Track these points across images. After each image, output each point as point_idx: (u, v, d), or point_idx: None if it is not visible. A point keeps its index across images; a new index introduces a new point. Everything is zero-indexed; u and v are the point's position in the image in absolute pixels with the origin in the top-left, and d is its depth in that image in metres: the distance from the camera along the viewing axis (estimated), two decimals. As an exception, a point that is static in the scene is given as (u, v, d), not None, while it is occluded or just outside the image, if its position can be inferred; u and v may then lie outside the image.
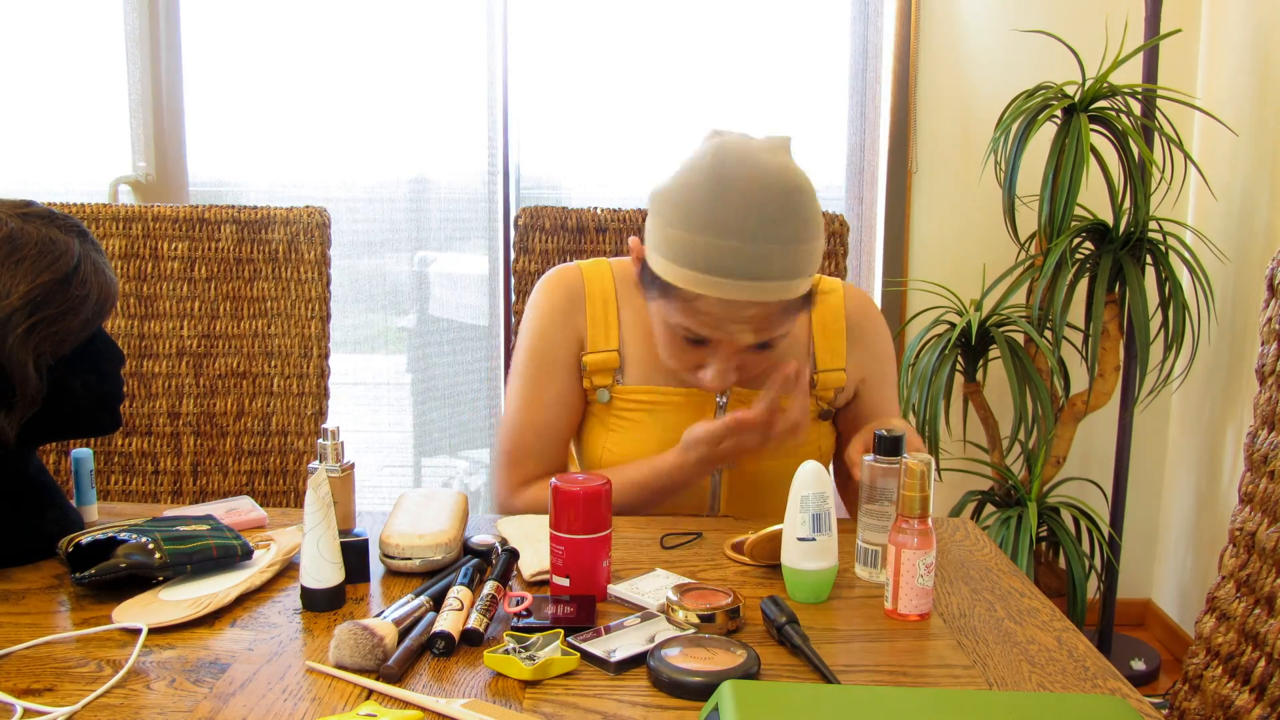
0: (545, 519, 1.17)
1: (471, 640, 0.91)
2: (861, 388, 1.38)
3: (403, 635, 0.92)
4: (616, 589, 1.03)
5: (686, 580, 1.07)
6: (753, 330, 1.16)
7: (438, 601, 0.98)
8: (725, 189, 1.11)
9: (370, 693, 0.85)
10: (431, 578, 1.05)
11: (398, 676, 0.86)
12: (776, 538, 1.07)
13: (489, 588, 0.96)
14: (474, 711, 0.80)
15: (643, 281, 1.23)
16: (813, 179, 1.17)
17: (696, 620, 0.95)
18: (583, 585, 1.01)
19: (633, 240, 1.24)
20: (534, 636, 0.90)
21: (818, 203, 1.17)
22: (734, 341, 1.17)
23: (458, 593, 0.96)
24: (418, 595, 0.98)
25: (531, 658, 0.87)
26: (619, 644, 0.91)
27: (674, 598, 0.97)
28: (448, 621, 0.92)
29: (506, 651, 0.87)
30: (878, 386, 1.39)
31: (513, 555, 1.03)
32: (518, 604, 0.96)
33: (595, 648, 0.90)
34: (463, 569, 1.00)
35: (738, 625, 0.96)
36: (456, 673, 0.88)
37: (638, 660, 0.89)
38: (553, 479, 1.02)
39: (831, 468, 1.43)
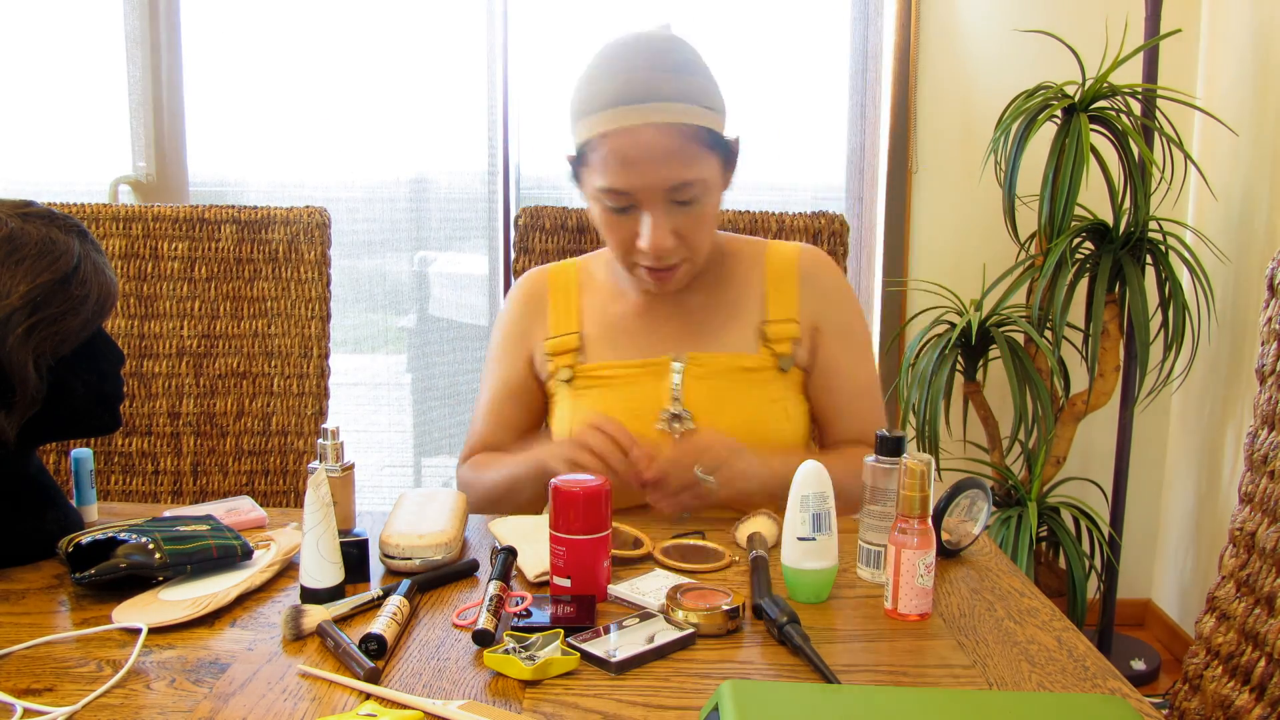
0: (535, 520, 1.18)
1: (483, 641, 0.90)
2: (818, 340, 1.37)
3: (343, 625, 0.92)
4: (616, 589, 1.03)
5: (686, 580, 1.07)
6: (662, 163, 1.20)
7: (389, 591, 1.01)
8: (611, 50, 1.25)
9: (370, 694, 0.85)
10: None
11: (379, 674, 0.86)
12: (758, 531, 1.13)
13: (493, 587, 0.96)
14: (471, 713, 0.80)
15: (576, 180, 1.31)
16: (813, 179, 1.25)
17: (696, 620, 0.95)
18: (583, 585, 1.01)
19: (567, 156, 1.32)
20: (534, 636, 0.90)
21: (705, 62, 1.27)
22: (650, 183, 1.21)
23: (396, 603, 0.96)
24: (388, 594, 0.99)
25: (531, 658, 0.87)
26: (619, 644, 0.91)
27: (673, 598, 0.98)
28: (381, 625, 0.91)
29: (507, 651, 0.87)
30: (836, 340, 1.37)
31: (510, 553, 1.02)
32: (518, 604, 0.96)
33: (596, 648, 0.90)
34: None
35: (737, 625, 0.96)
36: (457, 673, 0.88)
37: (639, 660, 0.89)
38: (553, 480, 1.02)
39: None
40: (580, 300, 1.41)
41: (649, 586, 1.05)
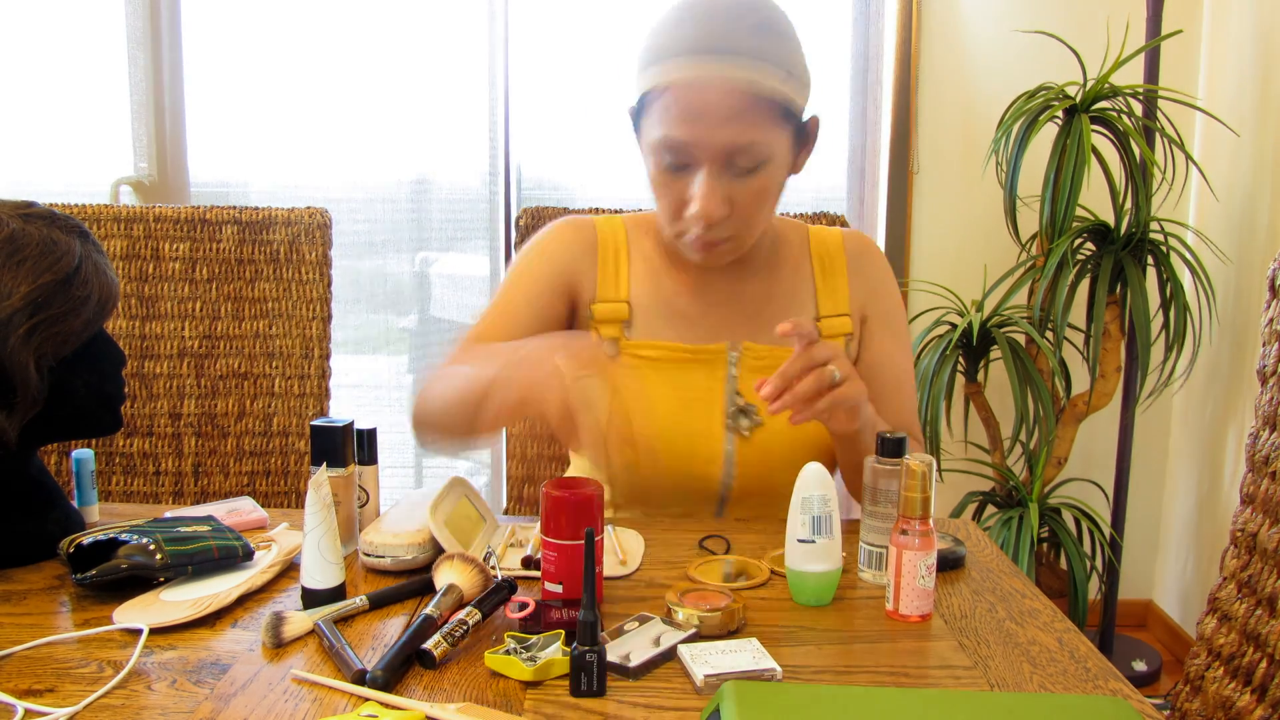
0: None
1: (425, 662, 0.88)
2: (865, 329, 1.34)
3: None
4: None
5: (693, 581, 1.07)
6: (725, 121, 1.11)
7: (376, 602, 1.01)
8: None
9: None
10: (413, 577, 1.06)
11: (381, 681, 0.85)
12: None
13: (464, 613, 0.93)
14: (468, 716, 0.80)
15: (635, 132, 1.21)
16: (814, 180, 1.19)
17: (697, 622, 0.94)
18: (575, 591, 1.00)
19: (629, 108, 1.22)
20: (534, 637, 0.90)
21: (795, 30, 1.18)
22: (710, 141, 1.11)
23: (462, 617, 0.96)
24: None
25: (533, 659, 0.87)
26: (630, 648, 0.90)
27: (674, 599, 0.97)
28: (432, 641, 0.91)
29: (507, 652, 0.87)
30: (883, 328, 1.34)
31: (510, 588, 1.00)
32: (522, 609, 0.96)
33: (610, 654, 0.89)
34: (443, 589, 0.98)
35: (739, 626, 0.96)
36: (456, 674, 0.88)
37: (654, 663, 0.89)
38: (544, 485, 1.00)
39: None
40: (629, 264, 1.32)
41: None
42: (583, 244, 1.31)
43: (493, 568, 1.06)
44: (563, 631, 0.91)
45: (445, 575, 0.99)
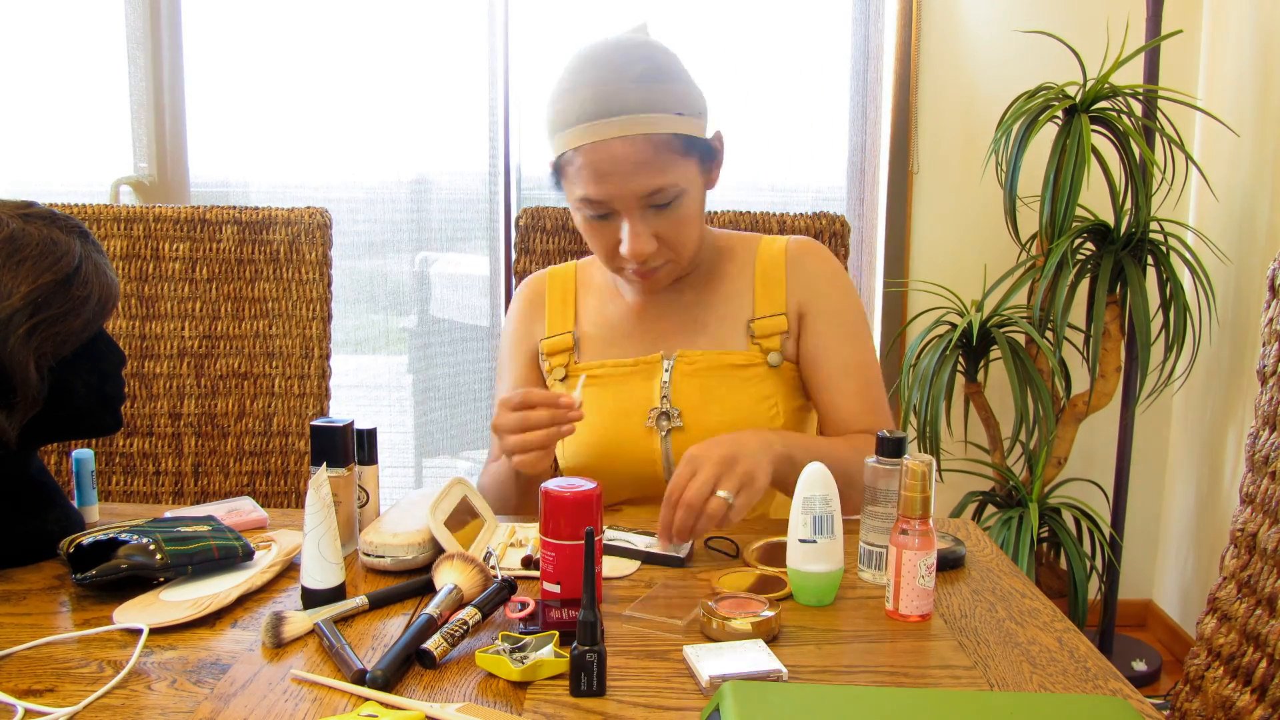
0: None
1: (425, 662, 0.88)
2: (803, 326, 1.36)
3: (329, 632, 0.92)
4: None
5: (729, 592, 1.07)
6: (633, 173, 1.21)
7: (376, 602, 1.01)
8: (580, 61, 1.25)
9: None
10: (413, 577, 1.06)
11: (381, 680, 0.85)
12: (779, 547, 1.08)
13: (464, 613, 0.94)
14: (469, 715, 0.80)
15: (558, 188, 1.32)
16: (814, 180, 1.24)
17: (749, 629, 0.93)
18: (574, 591, 0.99)
19: (550, 163, 1.32)
20: (528, 638, 0.90)
21: (679, 65, 1.27)
22: (624, 193, 1.22)
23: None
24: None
25: (523, 659, 0.86)
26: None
27: (708, 607, 0.96)
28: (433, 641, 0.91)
29: (497, 652, 0.87)
30: (821, 322, 1.36)
31: (509, 587, 1.00)
32: (521, 609, 0.96)
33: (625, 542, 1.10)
34: (445, 589, 0.98)
35: (779, 632, 0.96)
36: (456, 674, 0.88)
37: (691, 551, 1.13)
38: (543, 484, 1.01)
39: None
40: (577, 301, 1.44)
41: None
42: (533, 301, 1.46)
43: (493, 568, 1.06)
44: (557, 633, 0.91)
45: (445, 575, 0.99)
